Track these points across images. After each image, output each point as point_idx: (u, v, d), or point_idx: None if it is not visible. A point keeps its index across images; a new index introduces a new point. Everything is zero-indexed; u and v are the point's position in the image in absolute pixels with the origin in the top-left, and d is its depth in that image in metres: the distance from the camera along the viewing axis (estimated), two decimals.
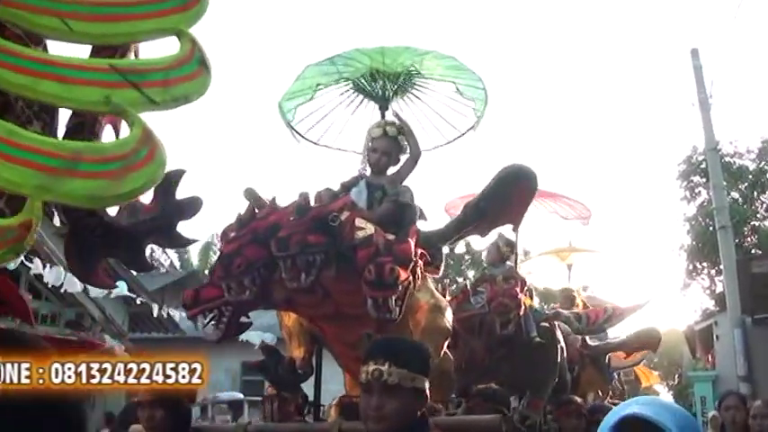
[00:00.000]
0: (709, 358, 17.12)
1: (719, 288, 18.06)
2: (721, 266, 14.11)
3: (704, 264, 20.55)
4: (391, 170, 4.19)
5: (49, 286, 10.48)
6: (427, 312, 3.74)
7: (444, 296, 4.50)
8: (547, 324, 5.69)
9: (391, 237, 3.47)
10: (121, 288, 10.80)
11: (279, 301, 3.56)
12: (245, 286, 3.31)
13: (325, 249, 3.33)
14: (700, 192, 20.85)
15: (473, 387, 5.10)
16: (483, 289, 5.41)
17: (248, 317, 3.66)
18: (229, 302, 3.40)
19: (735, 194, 19.94)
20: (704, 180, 19.15)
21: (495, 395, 4.96)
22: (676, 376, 28.17)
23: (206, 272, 28.07)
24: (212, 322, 3.49)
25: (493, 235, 5.58)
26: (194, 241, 2.68)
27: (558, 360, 5.76)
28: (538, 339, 5.34)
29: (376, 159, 4.14)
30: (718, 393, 13.90)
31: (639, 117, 64.54)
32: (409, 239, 3.48)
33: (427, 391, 2.34)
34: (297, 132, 4.87)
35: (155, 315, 13.39)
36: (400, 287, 3.30)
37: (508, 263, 5.76)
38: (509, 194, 4.02)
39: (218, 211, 5.68)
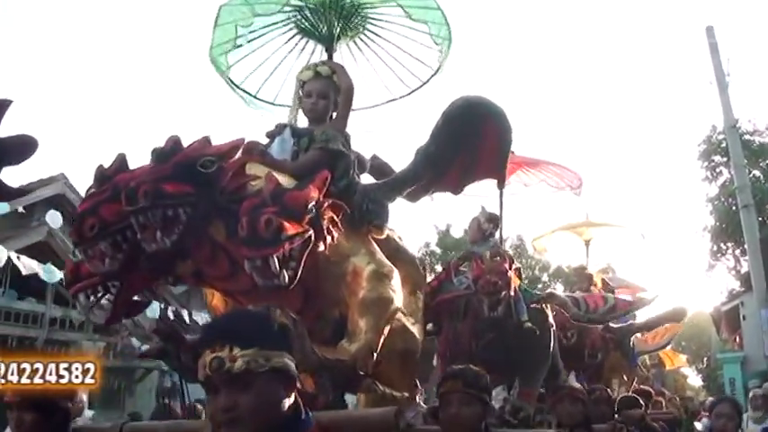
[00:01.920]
0: (737, 339, 16.98)
1: (745, 268, 17.84)
2: (746, 246, 13.97)
3: (728, 244, 20.31)
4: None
5: None
6: (366, 280, 3.02)
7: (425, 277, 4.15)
8: (538, 306, 5.24)
9: (288, 184, 2.85)
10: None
11: (184, 274, 2.84)
12: (104, 253, 2.57)
13: (193, 201, 2.62)
14: (721, 171, 20.61)
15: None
16: (466, 268, 5.07)
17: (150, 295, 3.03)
18: (113, 277, 2.70)
19: (756, 172, 19.67)
20: (725, 159, 18.93)
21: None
22: (705, 359, 27.93)
23: None
24: (102, 300, 2.77)
25: (474, 208, 5.40)
26: (27, 192, 2.16)
27: (551, 346, 5.34)
28: (528, 324, 4.91)
29: (311, 105, 3.48)
30: (747, 374, 13.84)
31: (659, 97, 64.00)
32: (310, 186, 2.79)
33: (294, 371, 1.71)
34: (236, 86, 4.09)
35: (184, 319, 13.49)
36: (286, 245, 2.57)
37: (492, 240, 5.29)
38: (467, 135, 3.47)
39: None
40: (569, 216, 9.98)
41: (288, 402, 1.68)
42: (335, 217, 2.85)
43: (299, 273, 2.65)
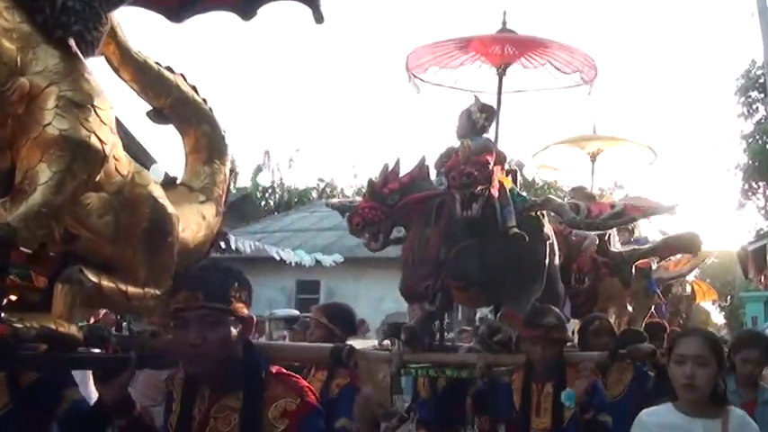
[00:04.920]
0: (762, 279, 17.01)
1: None
2: None
3: (760, 183, 20.15)
4: None
5: None
6: (47, 110, 1.98)
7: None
8: (532, 214, 4.56)
9: None
10: None
11: None
12: None
13: None
14: (758, 108, 20.29)
15: (420, 285, 4.17)
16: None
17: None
18: None
19: None
20: (763, 96, 18.57)
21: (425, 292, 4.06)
22: (728, 297, 28.04)
23: (257, 194, 28.80)
24: None
25: (466, 100, 4.82)
26: None
27: (546, 262, 4.58)
28: (516, 230, 4.23)
29: None
30: None
31: (697, 30, 62.07)
32: None
33: (251, 316, 2.12)
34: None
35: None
36: None
37: (485, 135, 4.68)
38: None
39: (268, 131, 5.63)
40: (576, 131, 8.72)
41: (241, 343, 2.05)
42: None
43: None
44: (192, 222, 2.64)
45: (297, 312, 11.79)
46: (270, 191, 30.70)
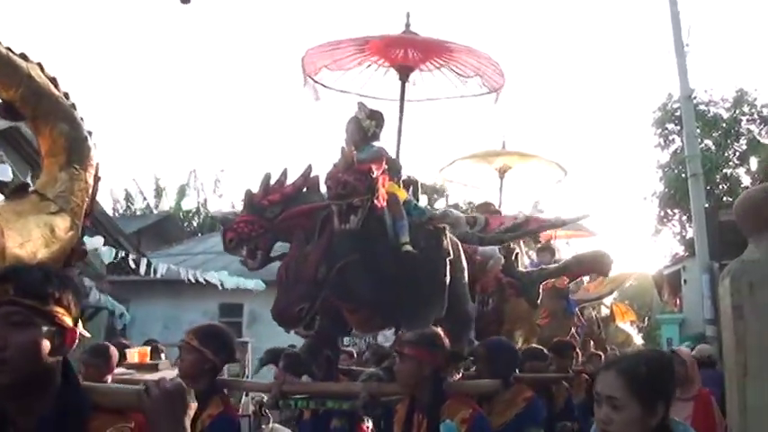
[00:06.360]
0: (677, 302, 17.57)
1: (690, 234, 18.39)
2: (692, 213, 14.37)
3: (675, 210, 20.93)
4: None
5: None
6: None
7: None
8: (431, 228, 4.16)
9: None
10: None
11: None
12: None
13: None
14: (674, 139, 21.09)
15: (293, 308, 3.66)
16: None
17: None
18: None
19: (708, 142, 20.21)
20: (678, 128, 19.31)
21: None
22: (646, 319, 28.88)
23: (181, 215, 28.22)
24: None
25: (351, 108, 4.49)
26: None
27: (447, 280, 4.15)
28: (408, 247, 3.84)
29: None
30: (685, 336, 14.40)
31: (616, 63, 64.39)
32: None
33: (69, 326, 1.63)
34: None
35: (131, 258, 13.38)
36: None
37: (376, 144, 4.37)
38: None
39: (194, 150, 5.52)
40: (488, 145, 8.96)
41: (58, 362, 1.62)
42: None
43: None
44: (36, 236, 2.29)
45: None
46: (194, 212, 30.14)
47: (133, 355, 4.12)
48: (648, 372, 2.10)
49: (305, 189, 4.03)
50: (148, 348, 4.83)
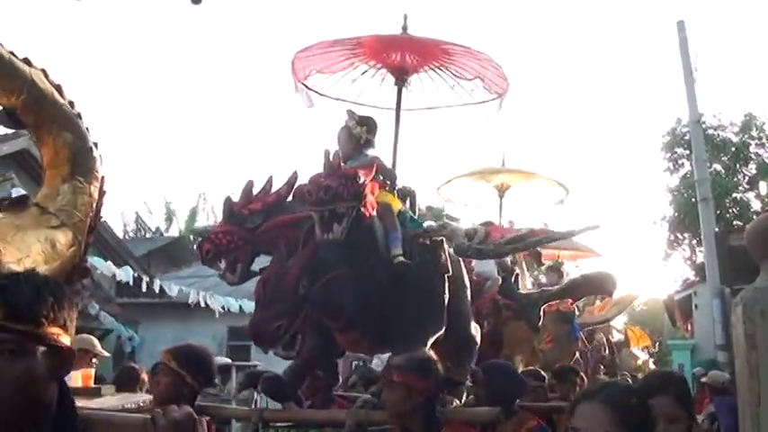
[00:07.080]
0: (688, 327, 17.44)
1: (700, 258, 18.31)
2: (702, 237, 14.32)
3: (685, 234, 20.85)
4: None
5: None
6: None
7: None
8: (427, 242, 3.84)
9: None
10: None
11: None
12: None
13: None
14: (683, 163, 21.07)
15: (269, 325, 3.32)
16: None
17: None
18: None
19: (717, 166, 20.19)
20: (687, 152, 19.32)
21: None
22: (657, 344, 28.70)
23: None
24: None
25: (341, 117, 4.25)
26: None
27: (446, 298, 3.83)
28: (401, 259, 3.55)
29: None
30: (696, 361, 14.28)
31: (626, 88, 64.55)
32: None
33: (70, 349, 1.47)
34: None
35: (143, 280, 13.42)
36: None
37: (370, 152, 4.14)
38: None
39: (204, 173, 5.22)
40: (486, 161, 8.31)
41: (54, 387, 1.45)
42: None
43: None
44: (35, 251, 2.13)
45: (228, 360, 11.49)
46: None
47: (76, 378, 3.83)
48: (632, 405, 1.85)
49: (290, 198, 3.69)
50: (92, 370, 4.52)
